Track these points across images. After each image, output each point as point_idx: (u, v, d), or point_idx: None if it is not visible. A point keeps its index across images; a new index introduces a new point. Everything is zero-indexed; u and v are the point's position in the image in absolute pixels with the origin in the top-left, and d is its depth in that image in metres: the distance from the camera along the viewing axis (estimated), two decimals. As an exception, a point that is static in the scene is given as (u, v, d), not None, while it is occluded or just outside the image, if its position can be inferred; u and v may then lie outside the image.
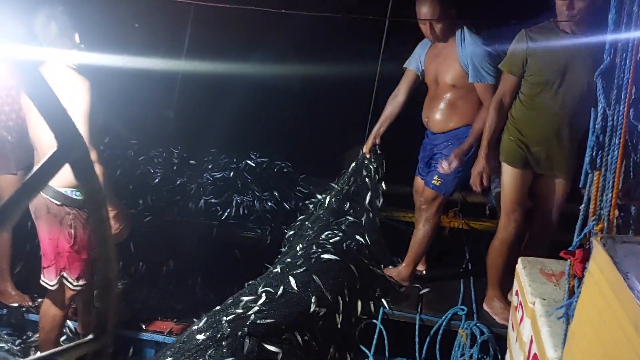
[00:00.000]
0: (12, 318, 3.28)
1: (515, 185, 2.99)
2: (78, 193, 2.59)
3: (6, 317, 3.29)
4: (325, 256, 3.21)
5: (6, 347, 3.03)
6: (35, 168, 0.82)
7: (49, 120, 0.82)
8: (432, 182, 3.32)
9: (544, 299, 1.96)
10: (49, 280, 2.75)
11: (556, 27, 2.78)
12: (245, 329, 2.54)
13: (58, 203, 2.64)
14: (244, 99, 5.29)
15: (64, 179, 2.44)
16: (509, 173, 3.00)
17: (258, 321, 2.61)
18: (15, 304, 3.34)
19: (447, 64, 3.24)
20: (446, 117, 3.30)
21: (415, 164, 3.62)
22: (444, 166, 3.20)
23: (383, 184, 3.72)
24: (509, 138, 2.97)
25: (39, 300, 3.19)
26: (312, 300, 2.85)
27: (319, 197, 3.95)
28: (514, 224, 3.02)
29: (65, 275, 2.74)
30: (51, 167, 0.81)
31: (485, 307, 3.26)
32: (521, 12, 3.13)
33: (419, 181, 3.53)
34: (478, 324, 3.08)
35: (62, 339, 3.08)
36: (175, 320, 3.34)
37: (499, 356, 2.96)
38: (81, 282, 2.78)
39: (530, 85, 2.87)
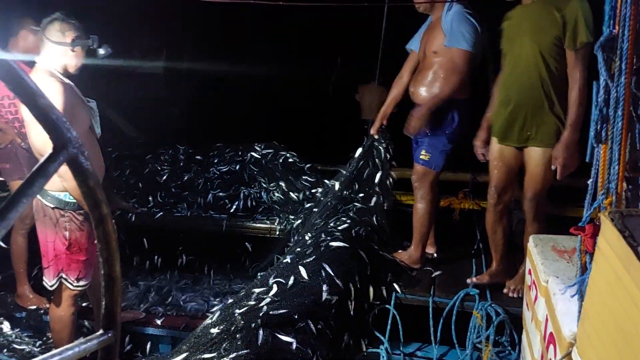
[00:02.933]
0: (31, 320, 3.33)
1: (491, 155, 3.11)
2: (71, 196, 2.60)
3: (25, 320, 3.33)
4: (335, 244, 3.21)
5: (27, 349, 3.06)
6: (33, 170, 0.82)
7: (41, 121, 0.82)
8: (421, 157, 3.33)
9: (557, 277, 1.93)
10: (48, 280, 2.77)
11: None
12: (259, 320, 2.55)
13: (51, 206, 2.66)
14: (246, 92, 5.29)
15: (56, 182, 2.47)
16: (491, 143, 3.14)
17: (271, 312, 2.62)
18: (34, 307, 3.38)
19: (433, 34, 3.28)
20: (428, 87, 3.30)
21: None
22: (410, 129, 3.23)
23: (393, 162, 3.73)
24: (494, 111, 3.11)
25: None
26: (324, 288, 2.85)
27: (328, 183, 3.94)
28: (490, 192, 3.11)
29: (64, 276, 2.75)
30: (47, 167, 0.81)
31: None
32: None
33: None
34: (493, 305, 3.04)
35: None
36: (190, 315, 3.36)
37: (515, 336, 2.94)
38: (82, 283, 2.78)
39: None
